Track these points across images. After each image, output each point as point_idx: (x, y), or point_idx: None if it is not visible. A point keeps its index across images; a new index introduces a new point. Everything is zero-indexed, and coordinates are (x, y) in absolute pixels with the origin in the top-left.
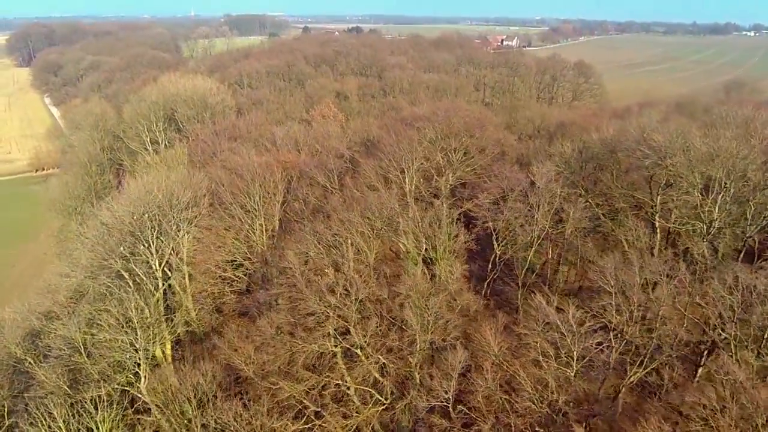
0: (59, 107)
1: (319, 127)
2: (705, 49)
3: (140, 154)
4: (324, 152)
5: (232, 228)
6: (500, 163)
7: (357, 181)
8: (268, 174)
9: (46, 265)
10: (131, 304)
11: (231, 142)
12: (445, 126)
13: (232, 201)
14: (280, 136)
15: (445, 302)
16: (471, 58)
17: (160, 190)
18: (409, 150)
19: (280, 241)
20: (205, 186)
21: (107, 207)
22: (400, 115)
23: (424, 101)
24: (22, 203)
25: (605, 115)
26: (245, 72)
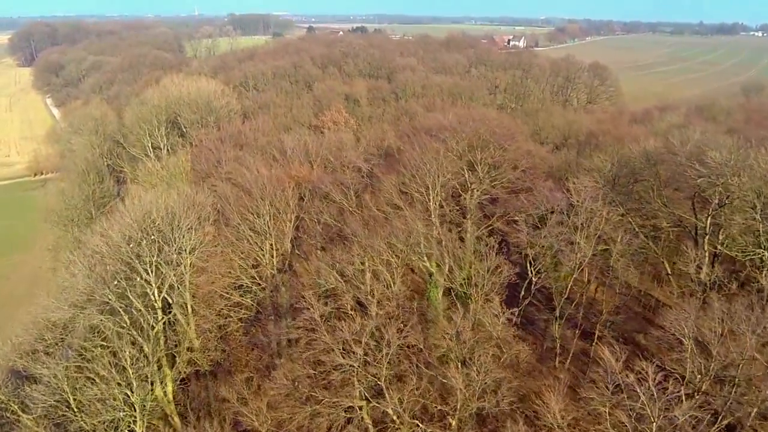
0: (60, 108)
1: (331, 136)
2: (714, 50)
3: (141, 160)
4: (338, 164)
5: (238, 249)
6: (532, 177)
7: (377, 198)
8: (279, 191)
9: (40, 279)
10: (125, 352)
11: (236, 150)
12: (473, 137)
13: (240, 221)
14: (291, 146)
15: (491, 352)
16: (483, 60)
17: (160, 213)
18: (434, 164)
19: (292, 265)
20: (209, 204)
21: (101, 232)
22: (420, 123)
23: (441, 106)
24: (19, 210)
25: (624, 119)
26: (250, 73)
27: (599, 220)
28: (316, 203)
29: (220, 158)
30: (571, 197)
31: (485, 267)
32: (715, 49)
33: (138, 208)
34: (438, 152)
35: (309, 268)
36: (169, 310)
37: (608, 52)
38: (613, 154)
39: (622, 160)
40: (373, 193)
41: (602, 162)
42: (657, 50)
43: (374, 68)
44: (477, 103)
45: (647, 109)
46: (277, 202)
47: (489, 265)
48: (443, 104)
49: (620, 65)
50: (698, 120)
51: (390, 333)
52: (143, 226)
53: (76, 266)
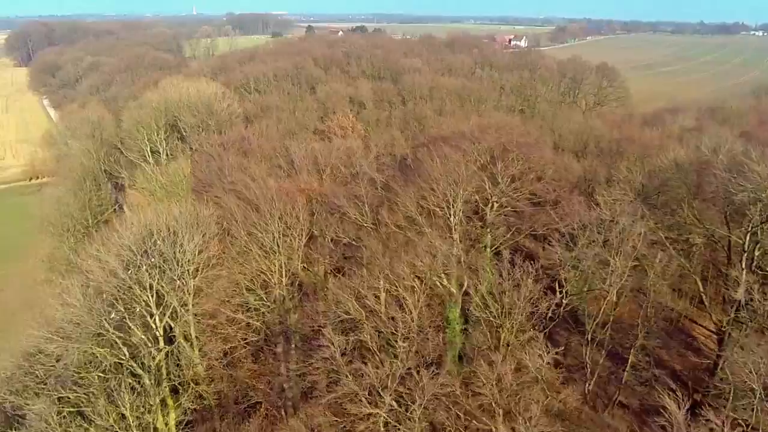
0: (57, 110)
1: (339, 143)
2: (716, 50)
3: (140, 165)
4: (349, 175)
5: (245, 269)
6: (557, 188)
7: (394, 214)
8: (288, 205)
9: (34, 292)
10: (124, 397)
11: (240, 157)
12: (495, 147)
13: (248, 239)
14: (299, 156)
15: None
16: (488, 60)
17: (161, 233)
18: (456, 177)
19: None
20: (214, 221)
21: (96, 255)
22: (438, 132)
23: (451, 110)
24: (13, 216)
25: (636, 121)
26: (252, 75)
27: (636, 239)
28: (328, 219)
29: (223, 166)
30: (601, 211)
31: (521, 295)
32: (717, 49)
33: (137, 227)
34: (459, 164)
35: (324, 292)
36: (171, 338)
37: (610, 52)
38: (642, 164)
39: (652, 171)
40: (390, 208)
41: (632, 173)
42: (659, 50)
43: (378, 69)
44: (486, 106)
45: (657, 112)
46: (287, 217)
47: (527, 294)
48: (453, 107)
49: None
50: (710, 123)
51: (423, 378)
52: (143, 248)
53: (70, 294)
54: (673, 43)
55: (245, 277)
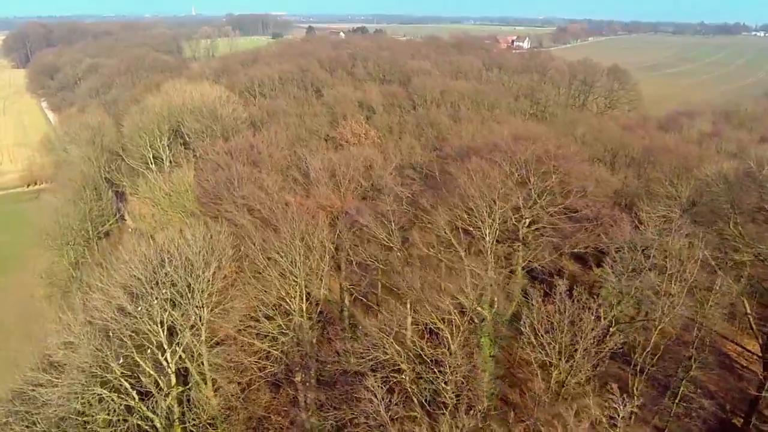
0: (56, 113)
1: (358, 153)
2: (718, 50)
3: (142, 173)
4: (371, 189)
5: (263, 296)
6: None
7: (425, 234)
8: (310, 227)
9: (32, 310)
10: None
11: (250, 167)
12: (531, 160)
13: (267, 263)
14: (315, 167)
15: None
16: (497, 62)
17: (173, 262)
18: (494, 194)
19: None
20: (229, 243)
21: (101, 287)
22: (462, 141)
23: (467, 116)
24: (10, 224)
25: (651, 125)
26: (256, 78)
27: (693, 265)
28: (353, 239)
29: (232, 177)
30: (647, 230)
31: (584, 333)
32: (719, 50)
33: (147, 254)
34: (495, 180)
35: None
36: (185, 377)
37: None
38: (687, 177)
39: (698, 185)
40: (420, 227)
41: (676, 187)
42: (661, 51)
43: (386, 72)
44: (500, 111)
45: (671, 115)
46: (309, 238)
47: (593, 333)
48: (469, 113)
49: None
50: (727, 127)
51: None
52: (154, 279)
53: (72, 334)
54: (674, 44)
55: (263, 303)
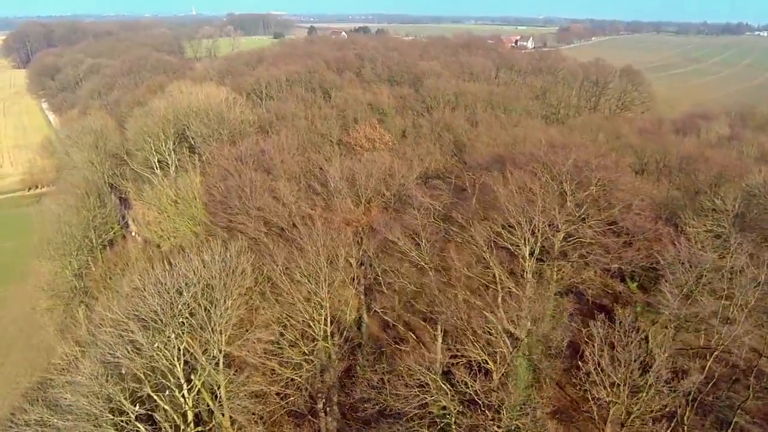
0: (57, 114)
1: (379, 160)
2: (723, 50)
3: (147, 178)
4: (396, 200)
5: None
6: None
7: (462, 254)
8: (338, 246)
9: (33, 323)
10: None
11: (261, 174)
12: (572, 170)
13: (291, 286)
14: (335, 177)
15: None
16: (508, 63)
17: (191, 289)
18: (532, 207)
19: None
20: (249, 265)
21: (113, 318)
22: (505, 152)
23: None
24: (11, 230)
25: (666, 127)
26: (263, 80)
27: (755, 289)
28: (381, 257)
29: (244, 185)
30: (692, 246)
31: (656, 373)
32: (724, 50)
33: (162, 282)
34: (537, 193)
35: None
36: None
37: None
38: (732, 188)
39: (744, 196)
40: (457, 246)
41: (723, 200)
42: (665, 51)
43: (395, 73)
44: (518, 114)
45: (686, 117)
46: (334, 256)
47: (660, 367)
48: (487, 117)
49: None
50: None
51: None
52: (171, 309)
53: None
54: (678, 44)
55: (285, 328)
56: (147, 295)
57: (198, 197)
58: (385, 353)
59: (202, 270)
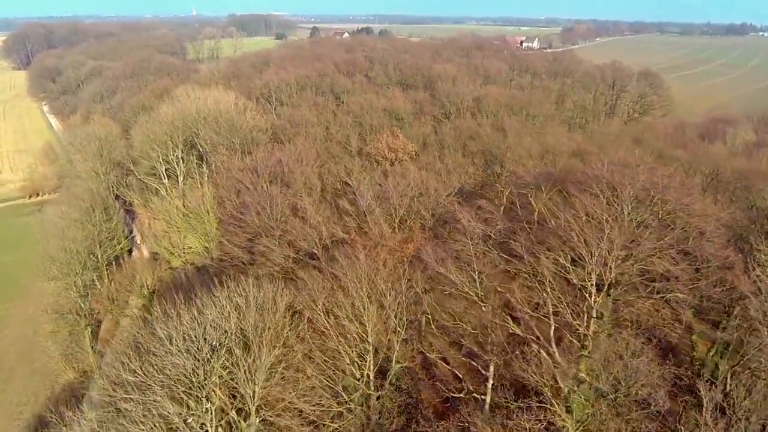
0: (58, 117)
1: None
2: (728, 51)
3: (154, 189)
4: (436, 223)
5: (323, 362)
6: (708, 242)
7: (525, 289)
8: (382, 281)
9: (35, 347)
10: None
11: (279, 188)
12: (639, 192)
13: (330, 328)
14: (367, 196)
15: None
16: (525, 65)
17: (226, 343)
18: (599, 235)
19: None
20: (284, 302)
21: (135, 381)
22: (565, 172)
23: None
24: (12, 241)
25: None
26: (273, 84)
27: None
28: (432, 295)
29: (263, 201)
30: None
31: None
32: (730, 51)
33: (193, 337)
34: (604, 220)
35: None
36: None
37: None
38: None
39: None
40: (512, 278)
41: None
42: (671, 52)
43: (407, 76)
44: (544, 120)
45: (708, 122)
46: (377, 290)
47: None
48: (516, 125)
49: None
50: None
51: None
52: (206, 371)
53: None
54: (683, 45)
55: (325, 374)
56: (176, 352)
57: (211, 211)
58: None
59: (236, 317)
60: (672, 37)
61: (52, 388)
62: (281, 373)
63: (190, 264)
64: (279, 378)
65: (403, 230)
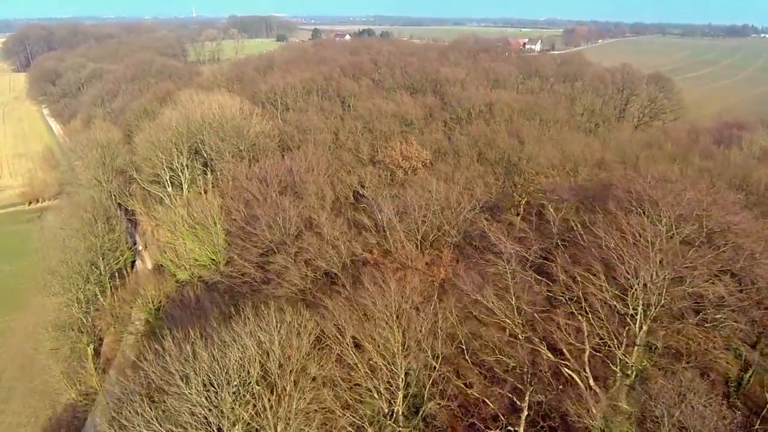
0: (58, 120)
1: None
2: (732, 53)
3: (157, 196)
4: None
5: (354, 401)
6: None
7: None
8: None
9: (36, 363)
10: None
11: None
12: (686, 211)
13: (359, 364)
14: (386, 210)
15: None
16: (535, 69)
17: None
18: (644, 257)
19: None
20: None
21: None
22: (607, 188)
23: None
24: (11, 251)
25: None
26: (278, 88)
27: None
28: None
29: (276, 214)
30: None
31: None
32: (733, 53)
33: (215, 381)
34: (648, 241)
35: None
36: None
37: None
38: None
39: None
40: (554, 306)
41: None
42: (674, 53)
43: (415, 80)
44: (556, 126)
45: (720, 126)
46: (408, 320)
47: None
48: (531, 130)
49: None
50: None
51: None
52: (229, 418)
53: None
54: (686, 47)
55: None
56: (195, 399)
57: (218, 223)
58: None
59: (258, 354)
60: (673, 39)
61: (53, 408)
62: (311, 417)
63: (198, 278)
64: (307, 420)
65: (425, 247)
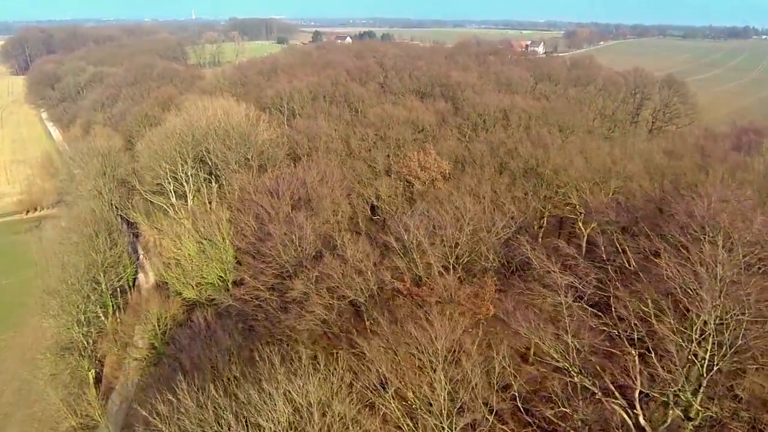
0: (57, 124)
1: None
2: (735, 55)
3: (161, 207)
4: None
5: None
6: None
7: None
8: (459, 354)
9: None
10: None
11: (305, 214)
12: (754, 237)
13: (401, 420)
14: (415, 231)
15: None
16: (546, 72)
17: None
18: (716, 291)
19: None
20: (345, 387)
21: None
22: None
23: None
24: (8, 262)
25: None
26: (284, 93)
27: None
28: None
29: (291, 232)
30: None
31: None
32: (736, 54)
33: None
34: (711, 269)
35: None
36: None
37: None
38: None
39: None
40: (612, 343)
41: None
42: (677, 56)
43: (423, 84)
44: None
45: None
46: (457, 366)
47: None
48: (555, 138)
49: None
50: None
51: None
52: None
53: None
54: (688, 49)
55: None
56: None
57: (227, 238)
58: None
59: (290, 412)
60: (675, 41)
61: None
62: None
63: (206, 299)
64: None
65: (458, 273)
